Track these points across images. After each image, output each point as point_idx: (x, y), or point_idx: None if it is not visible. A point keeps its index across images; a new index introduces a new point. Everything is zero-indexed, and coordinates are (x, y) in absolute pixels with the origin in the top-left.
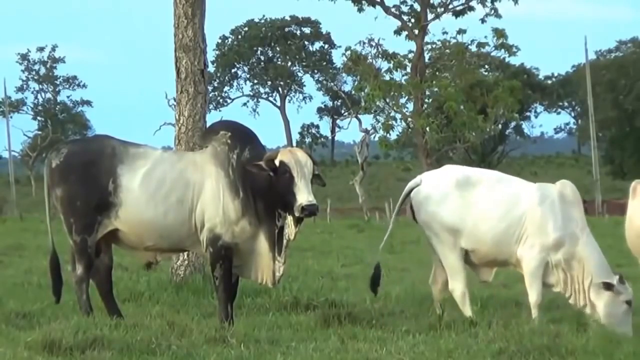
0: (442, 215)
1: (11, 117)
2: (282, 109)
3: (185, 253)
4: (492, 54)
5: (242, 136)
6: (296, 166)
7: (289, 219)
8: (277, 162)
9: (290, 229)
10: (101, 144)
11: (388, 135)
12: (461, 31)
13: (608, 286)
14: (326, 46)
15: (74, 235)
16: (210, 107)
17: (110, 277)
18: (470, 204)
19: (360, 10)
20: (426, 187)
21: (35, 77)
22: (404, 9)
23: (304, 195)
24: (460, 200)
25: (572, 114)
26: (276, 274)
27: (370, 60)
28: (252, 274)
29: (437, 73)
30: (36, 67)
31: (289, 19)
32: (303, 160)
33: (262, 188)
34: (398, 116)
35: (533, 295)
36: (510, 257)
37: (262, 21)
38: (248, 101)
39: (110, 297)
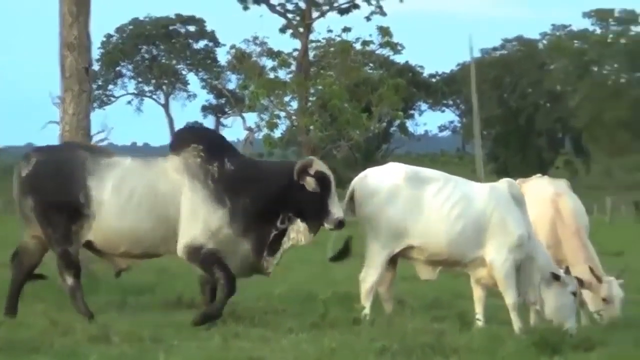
0: (390, 211)
1: None
2: (166, 107)
3: None
4: (377, 52)
5: (216, 148)
6: (331, 180)
7: (300, 225)
8: (311, 172)
9: (300, 235)
10: (71, 154)
11: (272, 133)
12: (346, 29)
13: (556, 276)
14: (211, 44)
15: (55, 247)
16: (94, 106)
17: (29, 276)
18: (421, 202)
19: (245, 8)
20: (373, 182)
21: None
22: (289, 7)
23: (339, 210)
24: (410, 197)
25: (457, 112)
26: (267, 270)
27: (255, 59)
28: (235, 272)
29: (322, 71)
30: None
31: (173, 17)
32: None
33: (261, 192)
34: (282, 114)
35: (510, 298)
36: (462, 258)
37: (147, 19)
38: (132, 99)
39: (16, 294)
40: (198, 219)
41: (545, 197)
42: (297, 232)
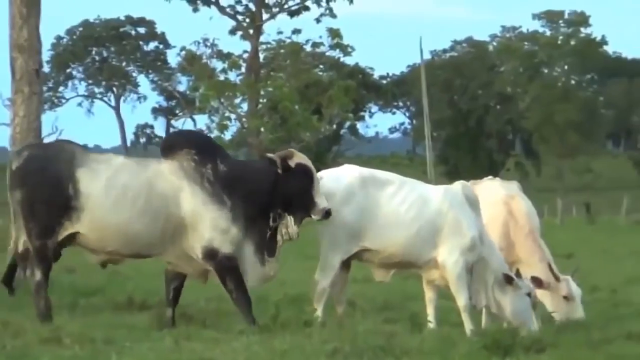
0: (345, 213)
1: None
2: (116, 109)
3: None
4: (327, 53)
5: (209, 151)
6: (313, 171)
7: (289, 220)
8: (292, 164)
9: (291, 229)
10: (61, 149)
11: (223, 135)
12: (296, 31)
13: (509, 279)
14: (161, 46)
15: (33, 240)
16: (45, 108)
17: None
18: (377, 204)
19: (195, 10)
20: (328, 184)
21: None
22: (239, 8)
23: (324, 200)
24: (366, 199)
25: (407, 114)
26: (270, 274)
27: (205, 60)
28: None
29: (272, 73)
30: None
31: (123, 19)
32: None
33: (254, 192)
34: (233, 116)
35: (461, 299)
36: (417, 260)
37: (97, 21)
38: (83, 101)
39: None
40: (205, 221)
41: (498, 199)
42: (287, 227)
